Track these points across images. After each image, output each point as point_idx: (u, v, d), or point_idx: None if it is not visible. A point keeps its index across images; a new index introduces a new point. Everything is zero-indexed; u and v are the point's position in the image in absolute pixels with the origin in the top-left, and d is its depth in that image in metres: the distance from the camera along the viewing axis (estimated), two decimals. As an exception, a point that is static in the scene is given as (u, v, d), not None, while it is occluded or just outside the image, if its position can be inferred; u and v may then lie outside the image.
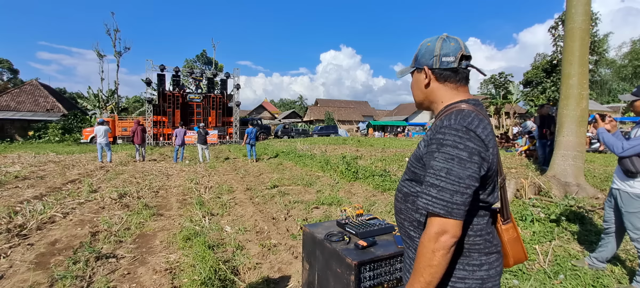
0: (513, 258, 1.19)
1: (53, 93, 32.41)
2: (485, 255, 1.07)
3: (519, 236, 1.21)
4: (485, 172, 0.99)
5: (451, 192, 0.93)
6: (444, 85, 1.11)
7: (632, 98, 2.68)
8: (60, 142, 22.18)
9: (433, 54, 1.10)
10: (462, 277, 1.05)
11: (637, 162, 2.54)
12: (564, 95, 5.76)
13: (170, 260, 3.33)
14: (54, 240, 3.87)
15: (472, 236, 1.06)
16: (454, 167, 0.94)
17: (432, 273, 0.96)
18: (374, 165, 9.90)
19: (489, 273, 1.06)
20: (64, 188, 6.85)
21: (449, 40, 1.10)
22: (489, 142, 1.00)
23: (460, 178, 0.93)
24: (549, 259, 3.19)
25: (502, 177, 1.13)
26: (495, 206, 1.17)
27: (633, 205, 2.61)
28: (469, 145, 0.95)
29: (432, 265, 0.95)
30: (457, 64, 1.07)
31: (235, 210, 5.37)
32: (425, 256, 0.96)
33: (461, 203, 0.93)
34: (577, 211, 4.46)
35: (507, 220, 1.20)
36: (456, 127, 0.97)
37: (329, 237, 1.89)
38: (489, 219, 1.11)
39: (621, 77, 42.02)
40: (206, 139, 12.58)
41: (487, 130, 1.00)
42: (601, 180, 6.92)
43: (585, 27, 5.62)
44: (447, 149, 0.96)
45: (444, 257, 0.94)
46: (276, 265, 3.26)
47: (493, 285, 1.07)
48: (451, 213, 0.93)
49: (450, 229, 0.94)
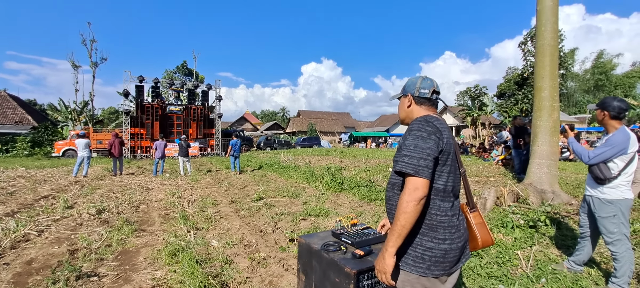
0: (481, 240, 1.58)
1: (22, 104, 30.89)
2: (449, 232, 1.41)
3: (484, 222, 1.62)
4: (440, 149, 1.37)
5: (417, 158, 1.33)
6: (420, 107, 1.57)
7: (594, 108, 2.90)
8: (30, 156, 21.02)
9: (415, 86, 1.57)
10: (430, 247, 1.40)
11: (605, 169, 2.73)
12: (537, 107, 6.09)
13: (156, 276, 3.22)
14: (30, 259, 3.66)
15: (439, 215, 1.41)
16: (419, 143, 1.36)
17: (406, 218, 1.31)
18: (358, 175, 10.01)
19: (451, 246, 1.40)
20: (37, 204, 6.50)
21: (426, 79, 1.58)
22: (444, 132, 1.41)
23: (423, 149, 1.34)
24: (531, 264, 3.33)
25: (462, 169, 1.54)
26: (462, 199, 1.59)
27: (605, 210, 2.79)
28: (428, 129, 1.38)
29: (406, 211, 1.30)
30: (430, 95, 1.55)
31: (221, 223, 5.27)
32: (401, 206, 1.32)
33: (425, 166, 1.32)
34: (553, 217, 4.69)
35: (473, 208, 1.62)
36: (420, 120, 1.44)
37: (325, 247, 1.91)
38: (453, 204, 1.46)
39: (584, 89, 44.76)
40: (188, 152, 12.31)
41: (443, 126, 1.43)
42: (573, 187, 7.30)
43: (554, 44, 6.02)
44: (413, 133, 1.40)
45: (415, 207, 1.30)
46: (267, 279, 3.22)
47: (453, 257, 1.41)
48: (418, 172, 1.31)
49: (420, 186, 1.31)
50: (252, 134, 48.03)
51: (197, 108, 24.60)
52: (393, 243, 1.35)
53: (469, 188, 1.63)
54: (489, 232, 1.61)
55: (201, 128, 24.80)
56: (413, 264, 1.41)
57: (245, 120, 60.28)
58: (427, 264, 1.39)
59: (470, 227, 1.58)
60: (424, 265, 1.39)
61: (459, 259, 1.46)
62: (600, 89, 42.96)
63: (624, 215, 2.74)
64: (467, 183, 1.62)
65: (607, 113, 2.76)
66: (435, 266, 1.39)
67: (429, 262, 1.39)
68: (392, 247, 1.35)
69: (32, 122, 27.58)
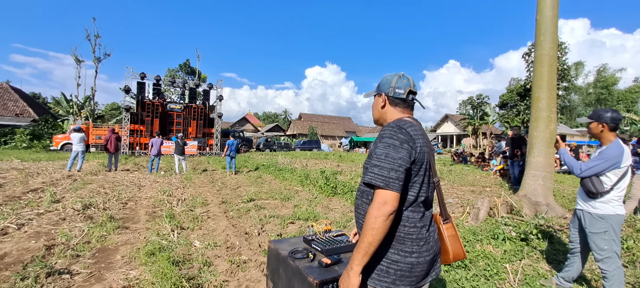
0: (453, 254, 1.46)
1: (24, 97, 30.96)
2: (417, 245, 1.30)
3: (457, 234, 1.51)
4: (413, 159, 1.26)
5: (388, 169, 1.21)
6: (394, 109, 1.45)
7: (588, 121, 2.79)
8: (28, 149, 21.00)
9: (390, 85, 1.44)
10: (396, 260, 1.29)
11: (597, 182, 2.62)
12: (534, 118, 5.99)
13: (129, 277, 3.12)
14: (4, 253, 3.56)
15: (407, 227, 1.30)
16: (390, 152, 1.23)
17: (373, 234, 1.19)
18: (353, 180, 9.89)
19: (418, 260, 1.30)
20: (24, 197, 6.42)
21: (403, 78, 1.44)
22: (417, 140, 1.29)
23: (394, 159, 1.22)
24: (519, 278, 3.21)
25: (436, 178, 1.41)
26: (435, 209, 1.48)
27: (596, 226, 2.67)
28: (400, 136, 1.26)
29: (374, 227, 1.19)
30: (405, 95, 1.42)
31: (207, 224, 5.17)
32: (369, 221, 1.21)
33: (396, 178, 1.20)
34: (546, 230, 4.56)
35: (447, 220, 1.50)
36: (392, 125, 1.31)
37: (292, 254, 1.81)
38: (424, 215, 1.35)
39: (586, 103, 44.59)
40: (184, 150, 12.24)
41: (417, 133, 1.31)
42: (569, 201, 7.16)
43: (552, 54, 5.92)
44: (384, 140, 1.27)
45: (383, 222, 1.18)
46: (244, 283, 3.12)
47: (421, 271, 1.31)
48: (388, 185, 1.19)
49: (389, 200, 1.19)
50: (253, 135, 47.97)
51: (198, 107, 24.57)
52: (359, 261, 1.23)
53: (443, 198, 1.52)
54: (461, 246, 1.51)
55: (201, 127, 24.76)
56: (377, 278, 1.31)
57: (246, 121, 60.29)
58: (392, 278, 1.29)
59: (443, 239, 1.48)
60: (389, 279, 1.29)
61: (428, 273, 1.37)
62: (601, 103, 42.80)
63: (615, 232, 2.62)
64: (441, 193, 1.50)
65: (606, 126, 2.66)
66: (401, 280, 1.29)
67: (394, 276, 1.29)
68: (357, 265, 1.24)
69: (33, 114, 27.63)
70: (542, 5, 5.97)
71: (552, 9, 5.89)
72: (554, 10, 5.90)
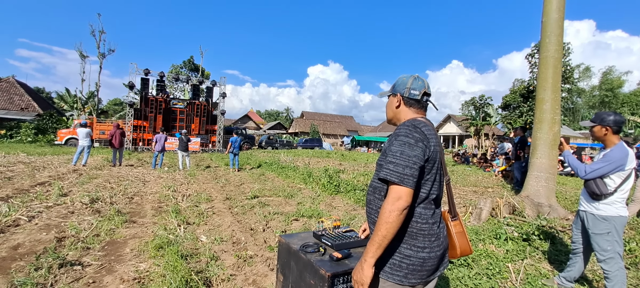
0: (460, 249, 1.53)
1: (29, 91, 31.19)
2: (429, 240, 1.36)
3: (464, 231, 1.57)
4: (427, 157, 1.31)
5: (403, 166, 1.26)
6: (409, 109, 1.51)
7: (591, 124, 2.82)
8: (33, 143, 21.18)
9: (405, 86, 1.50)
10: (408, 255, 1.34)
11: (601, 184, 2.66)
12: (537, 119, 6.02)
13: (139, 269, 3.19)
14: (17, 244, 3.65)
15: (420, 223, 1.35)
16: (405, 149, 1.28)
17: (387, 228, 1.24)
18: (356, 179, 9.95)
19: (430, 255, 1.35)
20: (32, 190, 6.51)
21: (418, 79, 1.50)
22: (431, 139, 1.35)
23: (409, 157, 1.27)
24: (521, 278, 3.26)
25: (447, 177, 1.50)
26: (444, 206, 1.54)
27: (599, 227, 2.71)
28: (415, 135, 1.31)
29: (388, 221, 1.24)
30: (420, 97, 1.48)
31: (212, 219, 5.24)
32: (383, 215, 1.25)
33: (410, 175, 1.25)
34: (548, 231, 4.60)
35: (455, 217, 1.56)
36: (407, 124, 1.37)
37: (304, 248, 1.87)
38: (435, 212, 1.41)
39: (590, 105, 44.40)
40: (187, 146, 12.32)
41: (430, 133, 1.37)
42: (572, 202, 7.19)
43: (558, 56, 5.94)
44: (400, 138, 1.32)
45: (397, 217, 1.24)
46: (251, 277, 3.18)
47: (431, 266, 1.36)
48: (403, 181, 1.24)
49: (403, 196, 1.24)
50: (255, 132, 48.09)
51: (201, 104, 24.68)
52: (372, 253, 1.28)
53: (452, 196, 1.59)
54: (468, 242, 1.58)
55: (204, 124, 24.87)
56: (390, 272, 1.36)
57: (249, 118, 60.42)
58: (404, 272, 1.34)
59: (451, 236, 1.54)
60: (401, 273, 1.34)
61: (438, 268, 1.43)
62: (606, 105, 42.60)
63: (618, 233, 2.67)
64: (451, 191, 1.58)
65: (610, 128, 2.69)
66: (412, 274, 1.34)
67: (407, 270, 1.34)
68: (371, 257, 1.28)
69: (38, 109, 27.82)
70: (548, 8, 5.99)
71: (558, 11, 5.91)
72: (560, 12, 5.92)
